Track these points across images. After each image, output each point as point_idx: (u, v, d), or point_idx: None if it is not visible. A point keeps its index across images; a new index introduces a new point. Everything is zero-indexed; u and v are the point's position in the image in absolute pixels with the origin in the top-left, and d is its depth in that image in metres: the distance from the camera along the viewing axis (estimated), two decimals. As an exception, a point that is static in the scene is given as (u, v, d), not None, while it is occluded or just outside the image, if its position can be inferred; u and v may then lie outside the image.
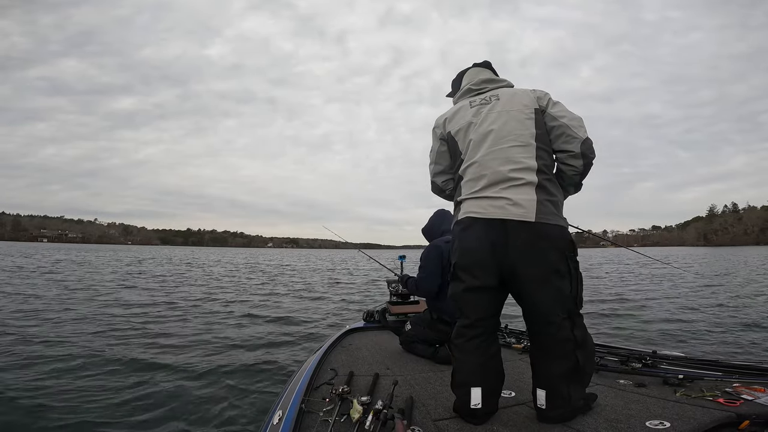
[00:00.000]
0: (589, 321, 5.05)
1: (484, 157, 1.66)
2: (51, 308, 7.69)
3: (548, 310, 1.55)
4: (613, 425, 1.52)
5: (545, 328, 1.57)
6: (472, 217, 1.64)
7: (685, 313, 7.73)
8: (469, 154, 1.72)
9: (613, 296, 10.20)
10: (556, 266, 1.55)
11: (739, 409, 1.55)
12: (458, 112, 1.83)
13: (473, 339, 1.64)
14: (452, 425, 1.59)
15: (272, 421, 1.67)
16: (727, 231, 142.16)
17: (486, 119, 1.71)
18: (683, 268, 16.98)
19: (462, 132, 1.77)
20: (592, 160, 1.67)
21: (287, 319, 7.47)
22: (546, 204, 1.57)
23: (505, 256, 1.56)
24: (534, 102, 1.70)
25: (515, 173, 1.59)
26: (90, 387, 3.58)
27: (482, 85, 1.86)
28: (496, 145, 1.65)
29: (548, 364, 1.58)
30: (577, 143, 1.64)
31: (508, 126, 1.67)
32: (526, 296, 1.59)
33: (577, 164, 1.67)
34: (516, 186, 1.58)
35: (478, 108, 1.77)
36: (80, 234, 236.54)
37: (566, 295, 1.56)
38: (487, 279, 1.61)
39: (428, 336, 2.66)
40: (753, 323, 6.68)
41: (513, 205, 1.56)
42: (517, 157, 1.61)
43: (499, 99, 1.75)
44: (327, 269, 24.31)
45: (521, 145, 1.63)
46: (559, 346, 1.55)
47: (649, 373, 2.09)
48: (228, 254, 63.87)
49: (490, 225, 1.58)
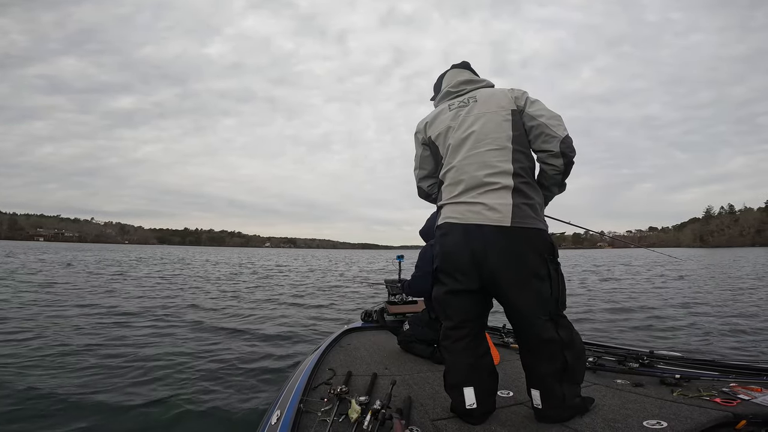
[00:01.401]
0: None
1: (462, 162, 1.67)
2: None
3: (529, 312, 1.56)
4: (610, 425, 1.52)
5: (529, 330, 1.58)
6: (450, 223, 1.66)
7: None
8: (448, 158, 1.74)
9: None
10: (535, 269, 1.55)
11: (735, 409, 1.56)
12: (438, 116, 1.84)
13: (460, 340, 1.65)
14: (450, 425, 1.60)
15: (270, 421, 1.67)
16: (723, 232, 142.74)
17: (464, 123, 1.72)
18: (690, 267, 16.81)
19: (441, 136, 1.78)
20: (573, 158, 1.64)
21: (286, 317, 7.47)
22: (523, 207, 1.57)
23: (485, 261, 1.56)
24: (511, 103, 1.69)
25: (491, 177, 1.60)
26: (86, 384, 3.57)
27: (460, 87, 1.85)
28: (473, 150, 1.66)
29: (538, 364, 1.59)
30: (556, 142, 1.62)
31: (485, 129, 1.67)
32: (506, 300, 1.60)
33: (557, 163, 1.65)
34: (492, 191, 1.59)
35: (456, 111, 1.77)
36: (77, 233, 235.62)
37: (547, 297, 1.56)
38: (469, 283, 1.61)
39: (426, 335, 2.66)
40: (749, 323, 6.72)
41: (489, 210, 1.57)
42: (492, 161, 1.62)
43: (476, 101, 1.75)
44: (307, 270, 23.71)
45: (497, 149, 1.63)
46: (546, 347, 1.56)
47: (646, 372, 2.10)
48: (223, 254, 63.62)
49: (468, 230, 1.59)
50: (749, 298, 9.64)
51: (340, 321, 6.82)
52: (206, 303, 9.20)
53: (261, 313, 8.00)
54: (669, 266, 21.68)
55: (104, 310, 7.64)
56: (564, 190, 1.77)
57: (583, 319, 7.01)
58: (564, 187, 1.76)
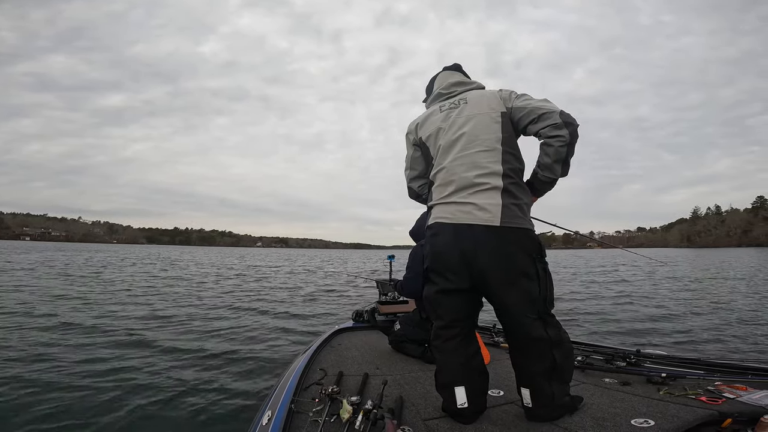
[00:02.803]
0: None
1: (452, 163, 1.69)
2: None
3: (518, 311, 1.58)
4: (599, 423, 1.54)
5: (518, 329, 1.60)
6: (441, 223, 1.67)
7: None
8: (438, 159, 1.75)
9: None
10: (523, 269, 1.57)
11: (721, 407, 1.58)
12: (429, 117, 1.85)
13: (450, 340, 1.66)
14: (442, 424, 1.60)
15: (261, 421, 1.66)
16: (710, 233, 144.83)
17: (454, 124, 1.73)
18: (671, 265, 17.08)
19: (432, 138, 1.79)
20: (577, 126, 1.60)
21: (282, 317, 7.43)
22: (511, 208, 1.59)
23: (474, 261, 1.58)
24: (500, 104, 1.70)
25: (481, 178, 1.61)
26: (74, 387, 3.52)
27: (452, 88, 1.86)
28: (463, 151, 1.68)
29: (527, 363, 1.61)
30: (556, 114, 1.59)
31: (475, 130, 1.68)
32: (496, 299, 1.62)
33: (563, 133, 1.58)
34: (482, 191, 1.60)
35: (447, 113, 1.78)
36: (64, 232, 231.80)
37: (535, 296, 1.58)
38: (459, 282, 1.63)
39: (417, 335, 2.67)
40: (735, 321, 6.84)
41: (479, 209, 1.58)
42: (482, 162, 1.63)
43: (467, 102, 1.76)
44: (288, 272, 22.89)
45: (487, 150, 1.65)
46: (535, 345, 1.57)
47: (633, 371, 2.13)
48: (210, 254, 63.09)
49: (458, 230, 1.61)
50: (737, 298, 9.81)
51: (331, 321, 6.81)
52: (195, 301, 9.13)
53: (249, 315, 7.95)
54: (651, 267, 21.91)
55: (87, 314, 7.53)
56: (567, 171, 1.68)
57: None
58: (568, 167, 1.67)
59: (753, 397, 1.66)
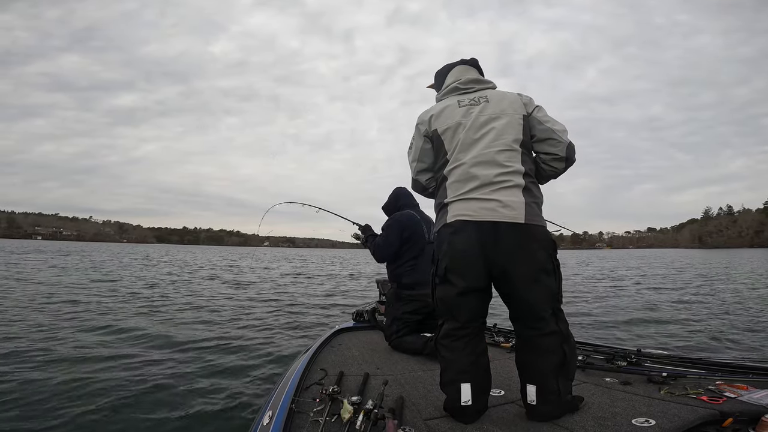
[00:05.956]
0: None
1: (473, 160, 1.67)
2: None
3: (539, 307, 1.60)
4: (600, 423, 1.54)
5: (536, 324, 1.62)
6: (462, 220, 1.64)
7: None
8: (456, 155, 1.72)
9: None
10: (544, 265, 1.61)
11: (722, 407, 1.58)
12: (445, 110, 1.81)
13: (461, 339, 1.67)
14: (443, 424, 1.61)
15: (262, 421, 1.67)
16: (722, 233, 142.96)
17: (476, 121, 1.73)
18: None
19: (450, 131, 1.76)
20: (574, 163, 1.75)
21: (280, 316, 7.48)
22: (532, 206, 1.62)
23: (496, 258, 1.58)
24: (522, 108, 1.73)
25: (503, 176, 1.62)
26: (72, 386, 3.56)
27: (469, 84, 1.86)
28: (486, 148, 1.67)
29: (538, 359, 1.61)
30: (563, 147, 1.71)
31: (498, 130, 1.69)
32: (516, 295, 1.63)
33: (559, 166, 1.75)
34: (505, 188, 1.61)
35: (467, 108, 1.77)
36: (75, 231, 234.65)
37: (554, 291, 1.63)
38: (479, 281, 1.63)
39: (404, 311, 2.79)
40: (738, 322, 6.78)
41: (504, 207, 1.58)
42: (504, 161, 1.65)
43: (488, 101, 1.76)
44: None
45: (508, 150, 1.66)
46: (548, 340, 1.60)
47: (634, 371, 2.12)
48: (216, 253, 63.46)
49: (481, 227, 1.60)
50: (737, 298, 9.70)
51: (331, 321, 6.83)
52: (198, 303, 9.21)
53: (249, 315, 7.98)
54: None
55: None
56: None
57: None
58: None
59: (754, 397, 1.65)
